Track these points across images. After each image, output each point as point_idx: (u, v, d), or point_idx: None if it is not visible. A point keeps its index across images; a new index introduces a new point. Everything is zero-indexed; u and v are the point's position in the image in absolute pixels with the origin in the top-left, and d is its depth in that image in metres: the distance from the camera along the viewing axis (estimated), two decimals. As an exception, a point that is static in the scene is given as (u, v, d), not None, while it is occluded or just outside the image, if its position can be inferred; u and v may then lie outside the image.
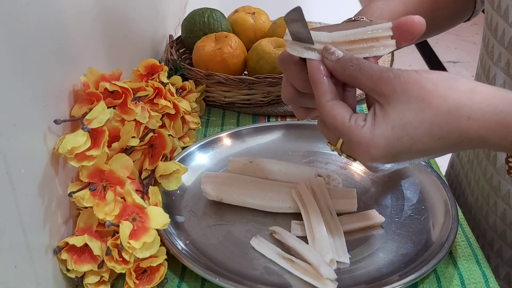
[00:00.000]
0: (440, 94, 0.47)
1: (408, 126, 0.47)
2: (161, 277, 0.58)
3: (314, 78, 0.52)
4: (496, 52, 0.65)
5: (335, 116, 0.50)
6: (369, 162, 0.50)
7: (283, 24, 0.95)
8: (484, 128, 0.46)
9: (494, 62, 0.65)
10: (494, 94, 0.47)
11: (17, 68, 0.47)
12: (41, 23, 0.52)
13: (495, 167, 0.68)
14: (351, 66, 0.51)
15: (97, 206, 0.56)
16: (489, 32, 0.66)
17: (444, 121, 0.47)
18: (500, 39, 0.63)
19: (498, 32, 0.64)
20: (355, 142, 0.49)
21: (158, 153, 0.69)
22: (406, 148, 0.48)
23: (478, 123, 0.46)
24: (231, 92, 0.89)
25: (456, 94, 0.47)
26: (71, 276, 0.57)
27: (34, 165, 0.52)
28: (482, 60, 0.70)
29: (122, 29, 0.81)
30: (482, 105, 0.46)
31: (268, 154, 0.78)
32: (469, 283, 0.60)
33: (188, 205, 0.70)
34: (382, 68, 0.49)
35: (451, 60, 3.20)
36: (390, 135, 0.48)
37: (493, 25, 0.65)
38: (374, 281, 0.59)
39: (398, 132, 0.48)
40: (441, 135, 0.47)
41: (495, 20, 0.64)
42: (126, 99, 0.61)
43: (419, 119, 0.47)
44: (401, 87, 0.48)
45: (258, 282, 0.59)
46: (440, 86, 0.47)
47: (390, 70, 0.49)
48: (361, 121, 0.49)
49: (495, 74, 0.65)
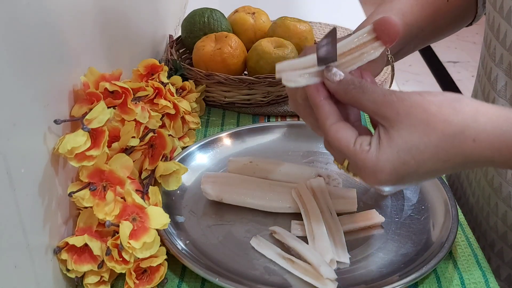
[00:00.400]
0: (445, 117, 0.47)
1: (413, 150, 0.47)
2: (161, 277, 0.58)
3: (314, 102, 0.52)
4: (498, 53, 0.65)
5: (340, 139, 0.50)
6: (376, 185, 0.50)
7: (283, 24, 0.95)
8: (489, 150, 0.46)
9: (496, 64, 0.65)
10: (498, 115, 0.47)
11: (17, 68, 0.47)
12: (41, 23, 0.52)
13: (496, 168, 0.68)
14: (353, 88, 0.50)
15: (97, 206, 0.56)
16: (491, 33, 0.66)
17: (450, 144, 0.47)
18: (502, 41, 0.63)
19: (500, 34, 0.64)
20: (361, 166, 0.49)
21: (158, 153, 0.69)
22: (413, 171, 0.48)
23: (483, 145, 0.46)
24: (231, 92, 0.89)
25: (461, 117, 0.47)
26: (71, 276, 0.57)
27: (34, 165, 0.52)
28: (484, 61, 0.70)
29: (122, 29, 0.81)
30: (487, 126, 0.46)
31: (268, 154, 0.78)
32: (469, 283, 0.60)
33: (188, 205, 0.70)
34: (385, 91, 0.49)
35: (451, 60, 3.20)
36: (396, 160, 0.48)
37: (495, 26, 0.65)
38: (374, 281, 0.59)
39: (403, 156, 0.48)
40: (447, 158, 0.47)
41: (497, 22, 0.64)
42: (126, 99, 0.61)
43: (424, 143, 0.47)
44: (405, 111, 0.47)
45: (258, 282, 0.59)
46: (444, 108, 0.47)
47: (393, 93, 0.49)
48: (366, 145, 0.49)
49: (497, 75, 0.65)
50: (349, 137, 0.50)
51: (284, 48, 0.90)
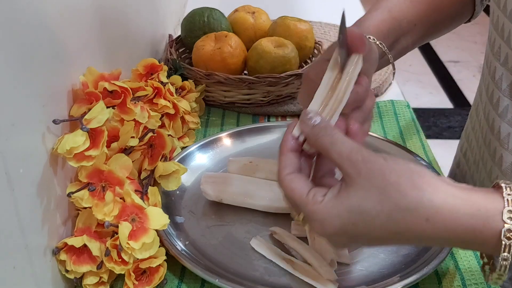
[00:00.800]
0: (401, 189, 0.45)
1: (364, 215, 0.46)
2: (160, 278, 0.58)
3: (280, 150, 0.52)
4: (503, 53, 0.64)
5: (293, 189, 0.50)
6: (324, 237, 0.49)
7: (283, 24, 0.95)
8: (445, 232, 0.45)
9: (501, 63, 0.65)
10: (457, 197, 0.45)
11: (16, 67, 0.47)
12: (40, 23, 0.52)
13: (500, 168, 0.67)
14: (323, 135, 0.49)
15: (96, 206, 0.56)
16: (496, 33, 0.66)
17: (401, 218, 0.45)
18: (507, 40, 0.63)
19: (504, 33, 0.63)
20: (310, 216, 0.48)
21: (158, 153, 0.68)
22: (362, 235, 0.47)
23: (438, 226, 0.45)
24: (231, 92, 0.89)
25: (417, 193, 0.45)
26: (70, 277, 0.56)
27: (33, 165, 0.51)
28: (488, 61, 0.70)
29: (121, 29, 0.81)
30: (443, 208, 0.44)
31: (268, 154, 0.78)
32: (470, 283, 0.60)
33: (187, 206, 0.70)
34: (353, 147, 0.48)
35: (451, 59, 3.20)
36: (346, 218, 0.47)
37: (499, 25, 0.65)
38: (374, 282, 0.59)
39: (354, 217, 0.47)
40: (397, 230, 0.46)
41: (501, 21, 0.64)
42: (125, 99, 0.61)
43: (376, 211, 0.46)
44: (366, 174, 0.46)
45: (258, 283, 0.59)
46: (403, 180, 0.46)
47: (359, 152, 0.48)
48: (319, 196, 0.48)
49: (502, 74, 0.65)
50: (303, 188, 0.49)
51: (284, 47, 0.89)
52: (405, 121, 0.89)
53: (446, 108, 2.72)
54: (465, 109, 2.65)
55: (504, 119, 0.65)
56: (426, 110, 2.66)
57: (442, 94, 2.88)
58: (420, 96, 2.83)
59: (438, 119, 2.59)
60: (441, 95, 2.87)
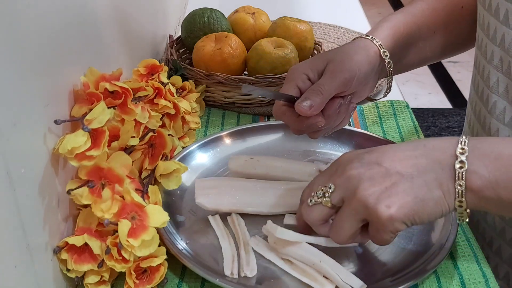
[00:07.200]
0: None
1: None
2: (161, 277, 0.58)
3: None
4: (489, 50, 0.66)
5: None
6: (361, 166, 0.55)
7: (283, 24, 0.96)
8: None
9: (487, 61, 0.67)
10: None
11: (17, 68, 0.47)
12: (41, 23, 0.52)
13: None
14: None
15: (95, 203, 0.56)
16: (482, 32, 0.68)
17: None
18: (493, 38, 0.65)
19: (490, 31, 0.65)
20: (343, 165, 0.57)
21: (158, 152, 0.69)
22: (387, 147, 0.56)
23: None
24: (231, 92, 0.89)
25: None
26: (71, 276, 0.57)
27: (34, 165, 0.52)
28: (477, 60, 0.72)
29: (122, 29, 0.81)
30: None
31: (268, 154, 0.78)
32: (469, 283, 0.60)
33: (188, 205, 0.70)
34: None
35: (451, 60, 3.20)
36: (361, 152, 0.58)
37: (485, 24, 0.67)
38: (374, 282, 0.59)
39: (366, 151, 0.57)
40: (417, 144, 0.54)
41: (487, 20, 0.66)
42: (126, 99, 0.61)
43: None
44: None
45: (258, 283, 0.59)
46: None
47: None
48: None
49: (489, 72, 0.67)
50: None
51: (284, 48, 0.90)
52: (404, 121, 0.89)
53: (445, 108, 2.72)
54: (464, 109, 2.65)
55: (493, 115, 0.66)
56: (425, 110, 2.66)
57: (441, 94, 2.88)
58: (419, 96, 2.83)
59: (437, 119, 2.60)
60: (440, 95, 2.87)
